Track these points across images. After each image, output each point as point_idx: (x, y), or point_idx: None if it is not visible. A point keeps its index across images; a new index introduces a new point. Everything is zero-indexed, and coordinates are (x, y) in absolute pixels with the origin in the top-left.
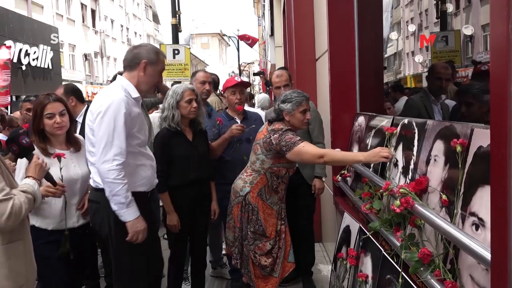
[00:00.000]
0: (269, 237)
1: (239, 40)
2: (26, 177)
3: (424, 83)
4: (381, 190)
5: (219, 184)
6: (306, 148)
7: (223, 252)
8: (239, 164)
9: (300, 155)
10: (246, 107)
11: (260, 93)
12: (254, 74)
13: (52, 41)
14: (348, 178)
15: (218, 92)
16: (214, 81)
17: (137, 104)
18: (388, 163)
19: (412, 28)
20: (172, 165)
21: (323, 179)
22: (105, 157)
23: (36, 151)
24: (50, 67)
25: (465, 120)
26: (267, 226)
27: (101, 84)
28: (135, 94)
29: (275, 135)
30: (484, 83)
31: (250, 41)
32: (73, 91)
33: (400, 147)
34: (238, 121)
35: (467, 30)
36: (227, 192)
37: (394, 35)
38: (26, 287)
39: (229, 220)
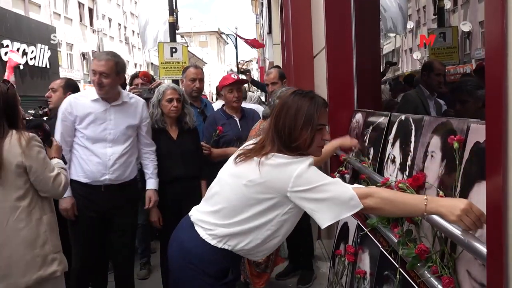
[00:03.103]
0: None
1: (237, 38)
2: (51, 158)
3: None
4: (378, 184)
5: None
6: None
7: None
8: None
9: None
10: (243, 104)
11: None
12: (240, 73)
13: (52, 41)
14: (346, 175)
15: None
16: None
17: (100, 105)
18: (385, 159)
19: (410, 25)
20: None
21: None
22: None
23: None
24: (48, 66)
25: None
26: None
27: None
28: (93, 96)
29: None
30: (476, 79)
31: (247, 41)
32: (74, 89)
33: (397, 143)
34: (237, 119)
35: (465, 27)
36: None
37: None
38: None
39: None
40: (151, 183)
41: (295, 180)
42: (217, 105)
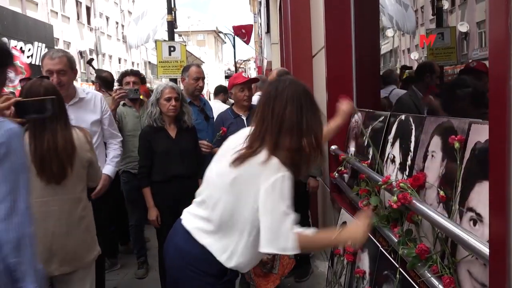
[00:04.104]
0: None
1: (235, 35)
2: None
3: None
4: (379, 183)
5: None
6: None
7: None
8: None
9: None
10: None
11: None
12: (226, 78)
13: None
14: (345, 175)
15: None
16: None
17: None
18: (385, 159)
19: None
20: (154, 161)
21: (318, 179)
22: None
23: None
24: None
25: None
26: None
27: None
28: None
29: None
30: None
31: (246, 38)
32: None
33: (397, 143)
34: (244, 118)
35: (462, 27)
36: None
37: (390, 32)
38: None
39: None
40: (107, 169)
41: (273, 183)
42: (212, 103)
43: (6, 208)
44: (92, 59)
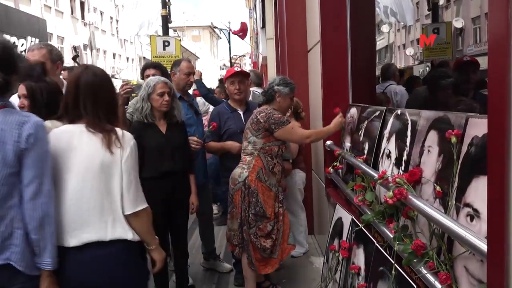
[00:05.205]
0: (269, 218)
1: (231, 33)
2: None
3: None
4: (375, 177)
5: (224, 176)
6: (295, 129)
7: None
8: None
9: (289, 134)
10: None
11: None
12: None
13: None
14: (340, 170)
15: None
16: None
17: None
18: (380, 154)
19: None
20: (144, 157)
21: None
22: None
23: None
24: None
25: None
26: (266, 207)
27: None
28: None
29: (261, 114)
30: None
31: (241, 33)
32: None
33: (393, 138)
34: (241, 112)
35: (457, 23)
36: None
37: (385, 28)
38: None
39: (231, 210)
40: None
41: (132, 150)
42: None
43: (33, 190)
44: (77, 56)
